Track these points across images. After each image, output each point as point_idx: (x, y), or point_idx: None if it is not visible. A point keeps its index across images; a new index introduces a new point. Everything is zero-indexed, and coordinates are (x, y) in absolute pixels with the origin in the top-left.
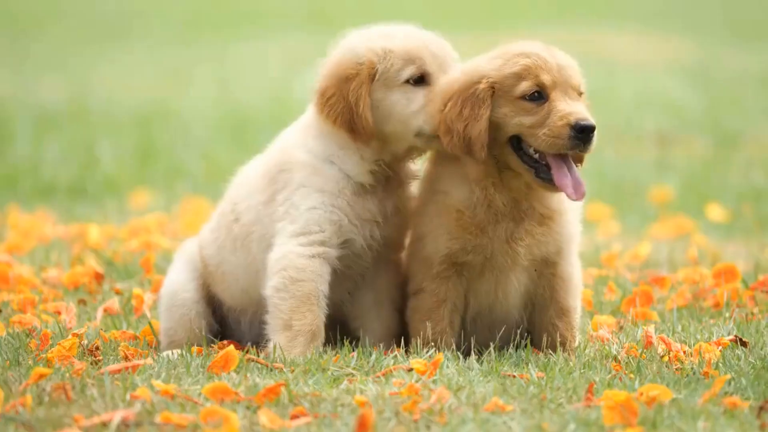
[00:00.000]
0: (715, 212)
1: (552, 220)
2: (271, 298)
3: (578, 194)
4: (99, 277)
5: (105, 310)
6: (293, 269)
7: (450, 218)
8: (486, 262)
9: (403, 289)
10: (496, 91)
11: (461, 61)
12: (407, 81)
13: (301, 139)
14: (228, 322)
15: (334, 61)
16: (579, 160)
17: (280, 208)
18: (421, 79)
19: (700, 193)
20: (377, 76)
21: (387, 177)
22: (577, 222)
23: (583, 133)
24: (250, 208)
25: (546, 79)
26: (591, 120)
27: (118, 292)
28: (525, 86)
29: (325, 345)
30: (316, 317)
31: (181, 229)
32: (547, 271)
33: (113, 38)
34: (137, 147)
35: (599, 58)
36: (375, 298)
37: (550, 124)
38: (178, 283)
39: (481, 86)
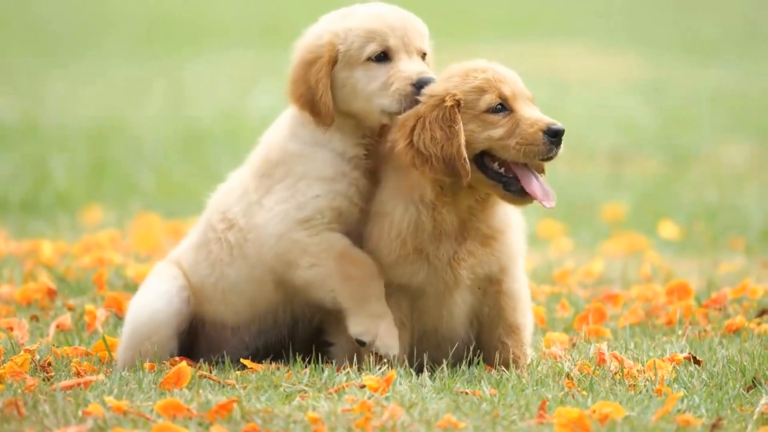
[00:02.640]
0: (668, 230)
1: (494, 239)
2: (306, 275)
3: (549, 200)
4: (51, 293)
5: (57, 326)
6: (303, 247)
7: (391, 246)
8: (428, 284)
9: None
10: (461, 108)
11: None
12: (369, 59)
13: (289, 131)
14: (220, 340)
15: (301, 46)
16: (541, 171)
17: (281, 194)
18: (383, 56)
19: (652, 210)
20: (339, 57)
21: (377, 143)
22: (521, 239)
23: (555, 137)
24: (244, 210)
25: (506, 90)
26: (560, 123)
27: (70, 308)
28: (488, 99)
29: (277, 361)
30: (366, 259)
31: (134, 246)
32: (492, 289)
33: (66, 53)
34: (90, 163)
35: (552, 74)
36: None
37: (521, 132)
38: (158, 314)
39: (448, 103)
